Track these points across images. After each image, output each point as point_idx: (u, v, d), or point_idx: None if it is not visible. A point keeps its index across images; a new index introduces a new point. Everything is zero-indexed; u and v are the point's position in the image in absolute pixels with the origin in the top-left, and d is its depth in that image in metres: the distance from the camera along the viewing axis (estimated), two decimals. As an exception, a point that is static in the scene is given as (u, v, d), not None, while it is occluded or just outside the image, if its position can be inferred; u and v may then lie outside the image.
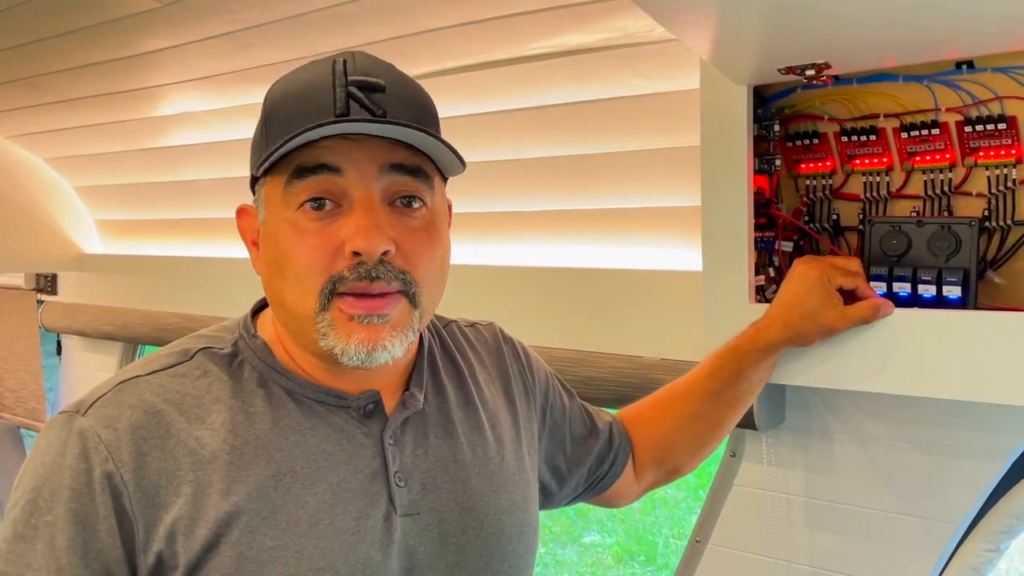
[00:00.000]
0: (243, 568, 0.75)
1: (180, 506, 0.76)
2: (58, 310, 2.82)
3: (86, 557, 0.74)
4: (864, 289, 1.08)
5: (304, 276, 0.79)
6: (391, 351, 0.80)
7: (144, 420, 0.78)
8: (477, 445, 0.92)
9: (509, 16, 1.37)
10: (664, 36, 1.31)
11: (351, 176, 0.78)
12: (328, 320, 0.79)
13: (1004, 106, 1.05)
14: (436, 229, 0.84)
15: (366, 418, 0.85)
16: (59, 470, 0.75)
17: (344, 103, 0.78)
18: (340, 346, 0.79)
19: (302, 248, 0.79)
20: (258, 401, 0.82)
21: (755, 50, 1.03)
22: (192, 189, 2.39)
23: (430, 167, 0.83)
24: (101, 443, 0.76)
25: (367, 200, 0.79)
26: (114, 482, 0.75)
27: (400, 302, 0.80)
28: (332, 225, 0.79)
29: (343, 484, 0.81)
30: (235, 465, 0.78)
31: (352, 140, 0.78)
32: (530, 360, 1.08)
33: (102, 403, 0.79)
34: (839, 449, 1.35)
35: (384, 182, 0.80)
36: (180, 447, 0.78)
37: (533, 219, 1.75)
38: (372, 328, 0.79)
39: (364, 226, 0.77)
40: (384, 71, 0.82)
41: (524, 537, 0.92)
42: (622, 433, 1.15)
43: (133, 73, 1.91)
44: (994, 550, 1.23)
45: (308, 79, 0.81)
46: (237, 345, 0.86)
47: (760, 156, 1.21)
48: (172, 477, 0.76)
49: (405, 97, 0.81)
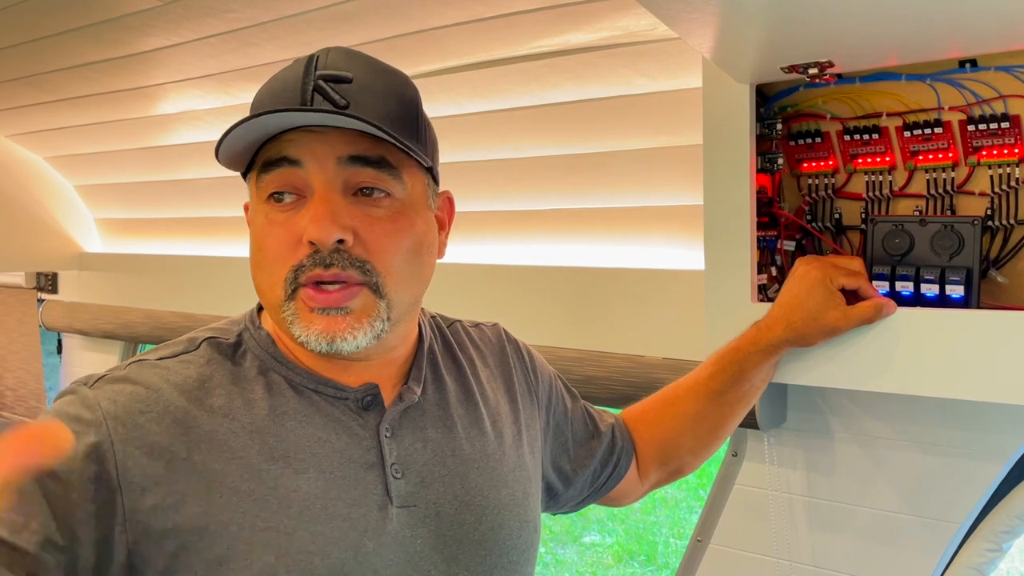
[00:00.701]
0: (233, 548, 0.76)
1: (171, 482, 0.76)
2: (58, 309, 2.82)
3: (53, 508, 0.72)
4: (866, 289, 1.08)
5: (273, 266, 0.81)
6: (354, 341, 0.80)
7: (145, 395, 0.79)
8: (477, 440, 0.92)
9: (511, 15, 1.37)
10: (666, 35, 1.31)
11: (311, 168, 0.80)
12: (292, 309, 0.81)
13: (1007, 105, 1.05)
14: (404, 219, 0.84)
15: (364, 410, 0.86)
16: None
17: (309, 96, 0.79)
18: (303, 335, 0.80)
19: (270, 239, 0.81)
20: (257, 388, 0.83)
21: (758, 48, 1.03)
22: (193, 188, 2.38)
23: (397, 157, 0.82)
24: (100, 411, 0.77)
25: (324, 190, 0.80)
26: (102, 448, 0.75)
27: (361, 293, 0.81)
28: (295, 217, 0.81)
29: (336, 472, 0.81)
30: (229, 446, 0.79)
31: (314, 133, 0.79)
32: (534, 361, 1.08)
33: (109, 379, 0.81)
34: (841, 449, 1.35)
35: (344, 173, 0.80)
36: (176, 424, 0.79)
37: (535, 218, 1.75)
38: (331, 319, 0.80)
39: (317, 215, 0.79)
40: (359, 64, 0.83)
41: (524, 534, 0.92)
42: (625, 434, 1.15)
43: (134, 72, 1.90)
44: (996, 550, 1.23)
45: (282, 75, 0.83)
46: (242, 336, 0.88)
47: (762, 155, 1.21)
48: (164, 452, 0.77)
49: (374, 88, 0.82)
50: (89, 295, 2.76)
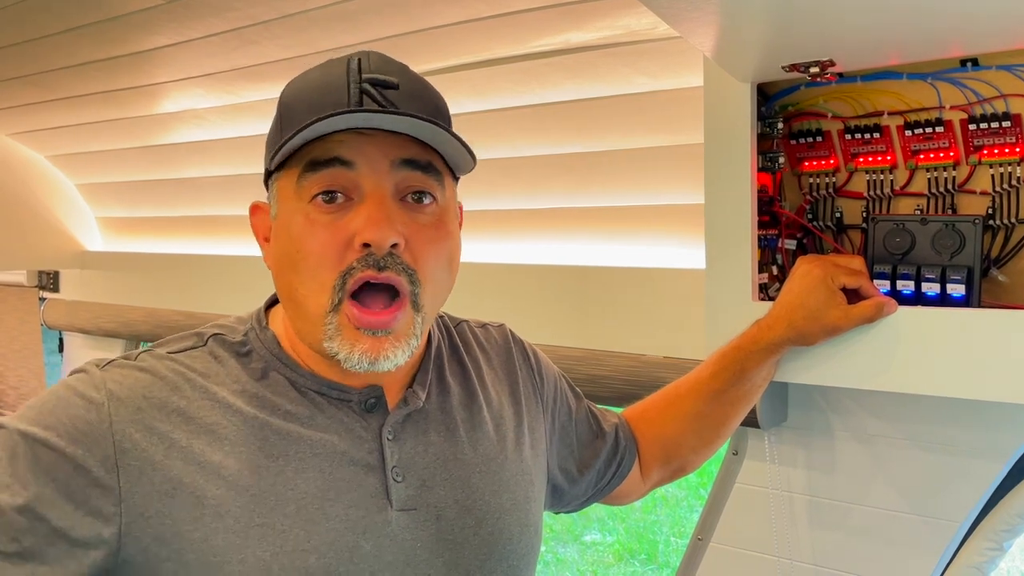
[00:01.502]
0: (228, 541, 0.76)
1: (168, 467, 0.77)
2: (60, 307, 2.82)
3: (42, 475, 0.73)
4: (868, 287, 1.08)
5: (317, 270, 0.80)
6: (394, 360, 0.81)
7: (151, 383, 0.80)
8: (479, 444, 0.92)
9: (512, 13, 1.37)
10: (668, 34, 1.31)
11: (363, 170, 0.79)
12: (336, 324, 0.80)
13: (1008, 104, 1.05)
14: (445, 227, 0.85)
15: (367, 412, 0.86)
16: (62, 401, 0.77)
17: (358, 98, 0.79)
18: (344, 352, 0.80)
19: (314, 241, 0.80)
20: (261, 388, 0.84)
21: (759, 47, 1.03)
22: (194, 187, 2.39)
23: (440, 164, 0.84)
24: (105, 391, 0.78)
25: (378, 193, 0.79)
26: (103, 428, 0.76)
27: (405, 310, 0.81)
28: (343, 219, 0.80)
29: (336, 473, 0.82)
30: (230, 440, 0.79)
31: (364, 135, 0.79)
32: (539, 362, 1.08)
33: (120, 364, 0.82)
34: (842, 447, 1.35)
35: (395, 177, 0.80)
36: (178, 414, 0.79)
37: (536, 217, 1.75)
38: (376, 340, 0.80)
39: (374, 218, 0.78)
40: (398, 71, 0.83)
41: (525, 538, 0.92)
42: (628, 434, 1.15)
43: (135, 70, 1.90)
44: (997, 548, 1.23)
45: (323, 77, 0.82)
46: (248, 335, 0.88)
47: (763, 154, 1.21)
48: (164, 438, 0.78)
49: (418, 95, 0.82)
50: (91, 294, 2.77)
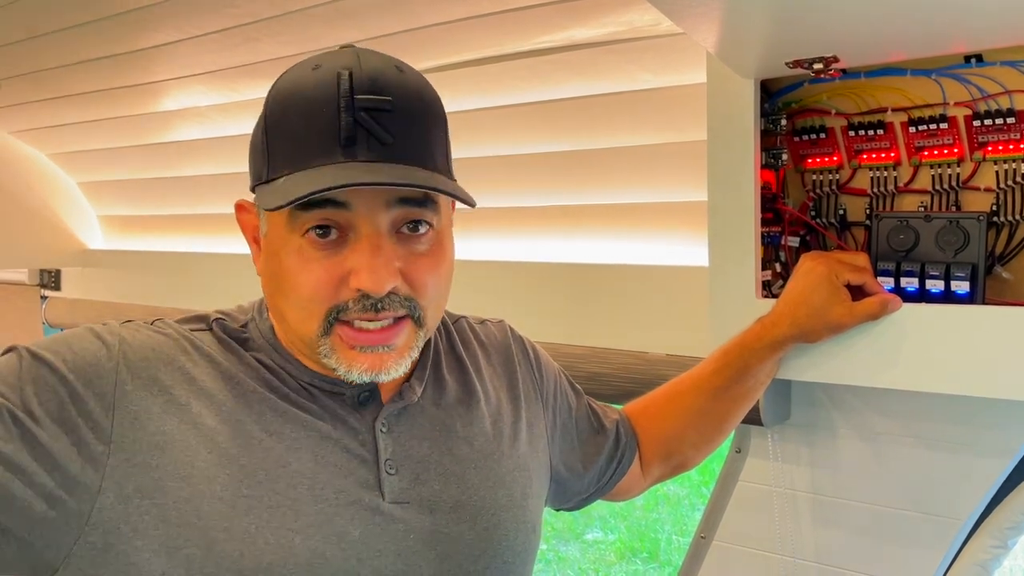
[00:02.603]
0: (214, 507, 0.76)
1: (163, 420, 0.77)
2: (61, 306, 2.83)
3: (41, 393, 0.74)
4: (872, 284, 1.07)
5: (307, 304, 0.80)
6: (395, 373, 0.82)
7: (163, 341, 0.82)
8: (475, 440, 0.92)
9: (514, 10, 1.37)
10: (671, 30, 1.30)
11: (359, 211, 0.78)
12: (330, 344, 0.80)
13: (1013, 100, 1.04)
14: (441, 249, 0.84)
15: (361, 405, 0.86)
16: (76, 336, 0.80)
17: (350, 131, 0.75)
18: (343, 369, 0.80)
19: (305, 276, 0.79)
20: (259, 374, 0.84)
21: (762, 44, 1.03)
22: (195, 185, 2.38)
23: (437, 193, 0.81)
24: (119, 338, 0.80)
25: (374, 235, 0.78)
26: (108, 367, 0.77)
27: (406, 327, 0.81)
28: (337, 255, 0.78)
29: (328, 458, 0.82)
30: (227, 408, 0.80)
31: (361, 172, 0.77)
32: (539, 359, 1.07)
33: (136, 324, 0.84)
34: (845, 445, 1.34)
35: (392, 215, 0.79)
36: (182, 374, 0.81)
37: (538, 214, 1.75)
38: (376, 356, 0.80)
39: (371, 265, 0.77)
40: (393, 82, 0.79)
41: (521, 535, 0.92)
42: (628, 430, 1.15)
43: (136, 68, 1.90)
44: (1001, 546, 1.23)
45: (311, 94, 0.77)
46: (247, 325, 0.88)
47: (767, 151, 1.21)
48: (165, 391, 0.79)
49: (413, 114, 0.79)
50: (92, 292, 2.77)
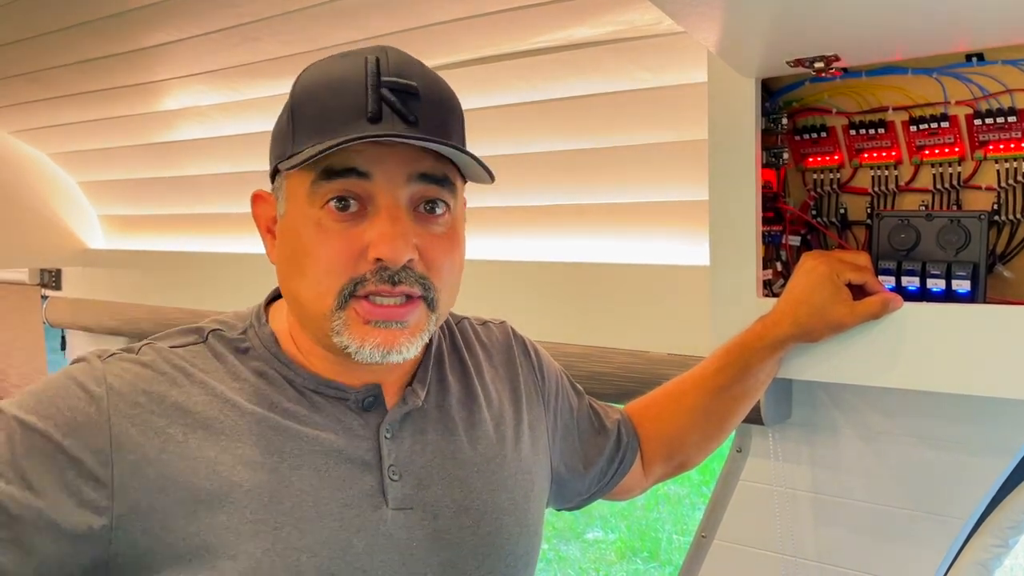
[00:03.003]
0: (221, 536, 0.76)
1: (163, 463, 0.77)
2: (62, 306, 2.82)
3: (36, 464, 0.74)
4: (873, 284, 1.07)
5: (323, 276, 0.79)
6: (405, 353, 0.81)
7: (151, 377, 0.80)
8: (478, 443, 0.92)
9: (515, 9, 1.37)
10: (671, 29, 1.30)
11: (379, 181, 0.78)
12: (343, 319, 0.80)
13: (1014, 99, 1.04)
14: (456, 234, 0.85)
15: (364, 411, 0.86)
16: (62, 390, 0.78)
17: (376, 106, 0.77)
18: (354, 346, 0.80)
19: (324, 248, 0.79)
20: (259, 384, 0.84)
21: (763, 42, 1.03)
22: (196, 184, 2.38)
23: (454, 174, 0.83)
24: (106, 385, 0.78)
25: (393, 207, 0.79)
26: (100, 422, 0.76)
27: (419, 307, 0.81)
28: (356, 227, 0.79)
29: (332, 471, 0.81)
30: (226, 435, 0.79)
31: (383, 145, 0.78)
32: (540, 359, 1.07)
33: (121, 356, 0.82)
34: (846, 444, 1.34)
35: (411, 189, 0.80)
36: (176, 409, 0.79)
37: (539, 213, 1.74)
38: (389, 333, 0.80)
39: (390, 234, 0.78)
40: (418, 72, 0.81)
41: (523, 538, 0.92)
42: (630, 430, 1.15)
43: (137, 67, 1.90)
44: (1002, 546, 1.23)
45: (339, 75, 0.80)
46: (247, 332, 0.88)
47: (768, 150, 1.21)
48: (161, 432, 0.78)
49: (436, 101, 0.81)
50: (93, 292, 2.77)
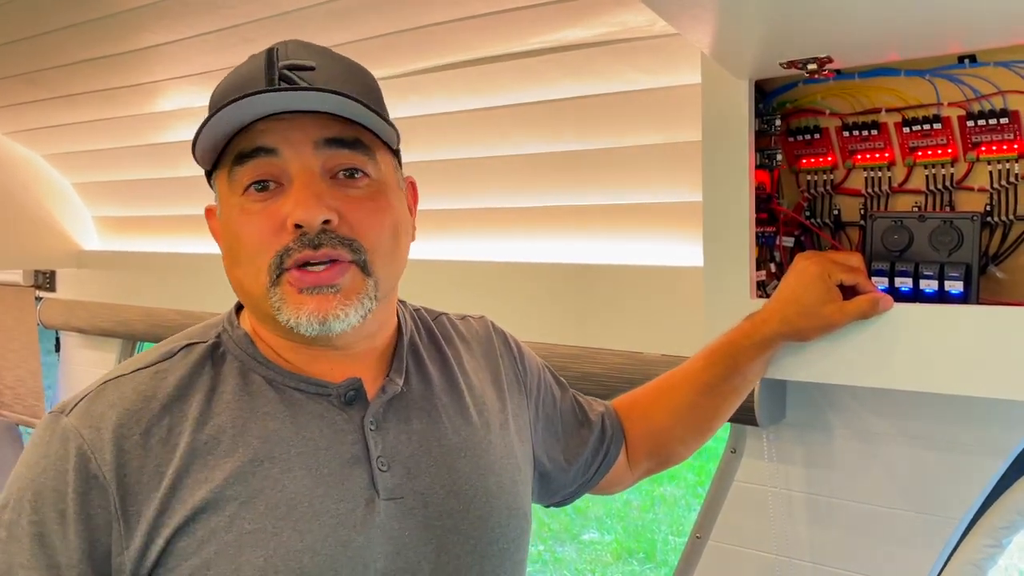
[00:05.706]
0: (222, 552, 0.76)
1: (160, 499, 0.77)
2: (56, 307, 2.82)
3: (85, 553, 0.76)
4: (864, 284, 1.07)
5: (254, 256, 0.81)
6: (345, 320, 0.81)
7: (125, 419, 0.79)
8: (463, 429, 0.92)
9: (508, 11, 1.37)
10: (665, 30, 1.30)
11: (287, 154, 0.80)
12: (279, 294, 0.80)
13: (1006, 100, 1.04)
14: (384, 198, 0.85)
15: (347, 405, 0.86)
16: (44, 471, 0.78)
17: (275, 84, 0.79)
18: (293, 319, 0.80)
19: (249, 228, 0.81)
20: (238, 390, 0.84)
21: (757, 44, 1.03)
22: (191, 185, 2.37)
23: (370, 138, 0.84)
24: (84, 443, 0.78)
25: (304, 175, 0.80)
26: (97, 482, 0.77)
27: (350, 270, 0.81)
28: (275, 204, 0.80)
29: (322, 469, 0.82)
30: (213, 453, 0.80)
31: (286, 120, 0.80)
32: (522, 352, 1.08)
33: (85, 403, 0.81)
34: (840, 445, 1.35)
35: (321, 157, 0.81)
36: (160, 444, 0.79)
37: (532, 215, 1.74)
38: (322, 298, 0.80)
39: (302, 198, 0.79)
40: (320, 53, 0.84)
41: (513, 521, 0.92)
42: (615, 423, 1.15)
43: (132, 69, 1.90)
44: (996, 546, 1.23)
45: (243, 71, 0.83)
46: (220, 338, 0.88)
47: (761, 151, 1.21)
48: (153, 473, 0.78)
49: (337, 74, 0.83)
50: (87, 293, 2.76)
